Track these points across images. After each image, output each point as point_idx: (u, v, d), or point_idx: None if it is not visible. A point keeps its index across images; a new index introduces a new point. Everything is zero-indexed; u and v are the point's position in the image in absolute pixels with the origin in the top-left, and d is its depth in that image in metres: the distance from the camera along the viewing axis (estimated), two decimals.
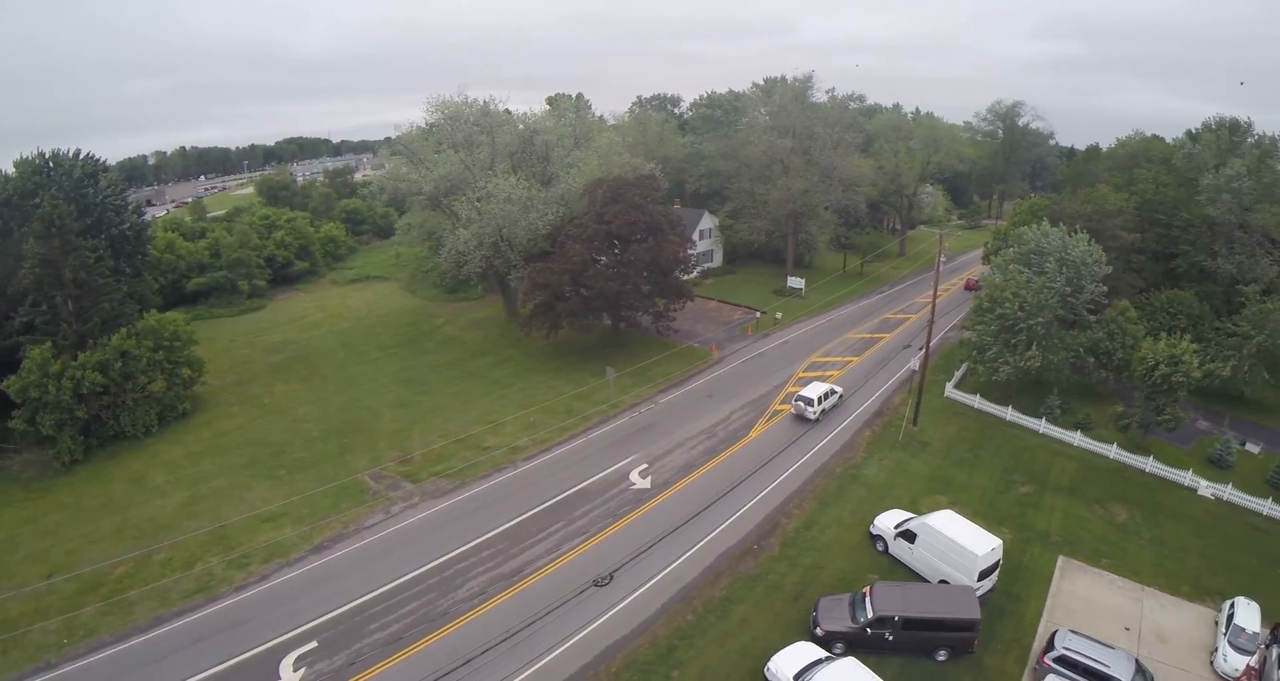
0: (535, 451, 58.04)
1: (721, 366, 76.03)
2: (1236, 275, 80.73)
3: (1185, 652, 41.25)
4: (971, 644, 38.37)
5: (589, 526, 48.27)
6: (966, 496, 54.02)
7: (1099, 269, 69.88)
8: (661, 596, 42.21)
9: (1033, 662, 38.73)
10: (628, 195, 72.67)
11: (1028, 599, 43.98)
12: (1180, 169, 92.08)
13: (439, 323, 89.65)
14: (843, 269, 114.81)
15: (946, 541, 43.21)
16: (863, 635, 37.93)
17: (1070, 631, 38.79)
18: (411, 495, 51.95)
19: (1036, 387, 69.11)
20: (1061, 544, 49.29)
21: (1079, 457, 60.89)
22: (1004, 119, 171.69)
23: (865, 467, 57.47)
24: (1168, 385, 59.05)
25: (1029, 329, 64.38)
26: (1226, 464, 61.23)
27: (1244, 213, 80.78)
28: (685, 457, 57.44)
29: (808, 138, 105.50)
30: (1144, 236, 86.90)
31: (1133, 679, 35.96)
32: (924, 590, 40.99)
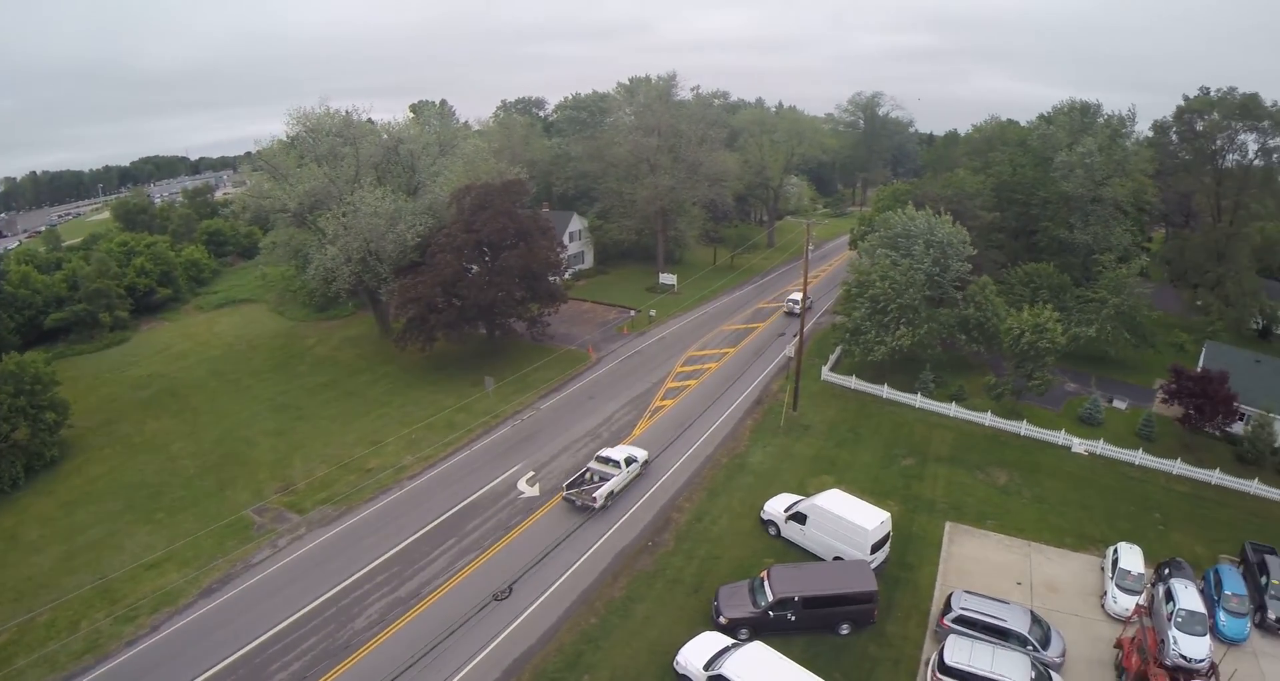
0: (420, 469, 57.17)
1: (600, 367, 76.73)
2: (1093, 245, 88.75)
3: (1077, 599, 44.76)
4: (872, 615, 40.31)
5: (482, 540, 47.97)
6: (852, 474, 56.73)
7: (964, 249, 74.96)
8: (562, 603, 42.44)
9: (933, 625, 41.09)
10: (496, 201, 72.86)
11: (921, 566, 46.62)
12: (1036, 150, 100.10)
13: (311, 343, 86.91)
14: (713, 263, 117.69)
15: (836, 519, 45.22)
16: (765, 618, 39.17)
17: (965, 592, 41.42)
18: (298, 526, 50.28)
19: (910, 364, 73.13)
20: (947, 510, 52.62)
21: (956, 427, 65.05)
22: (864, 110, 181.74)
23: (750, 455, 59.36)
24: (1035, 352, 64.41)
25: (899, 308, 68.51)
26: (1096, 421, 67.11)
27: (1097, 187, 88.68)
28: (572, 461, 57.73)
29: (673, 135, 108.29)
30: (1003, 215, 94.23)
31: (1030, 629, 38.76)
32: (820, 568, 42.69)
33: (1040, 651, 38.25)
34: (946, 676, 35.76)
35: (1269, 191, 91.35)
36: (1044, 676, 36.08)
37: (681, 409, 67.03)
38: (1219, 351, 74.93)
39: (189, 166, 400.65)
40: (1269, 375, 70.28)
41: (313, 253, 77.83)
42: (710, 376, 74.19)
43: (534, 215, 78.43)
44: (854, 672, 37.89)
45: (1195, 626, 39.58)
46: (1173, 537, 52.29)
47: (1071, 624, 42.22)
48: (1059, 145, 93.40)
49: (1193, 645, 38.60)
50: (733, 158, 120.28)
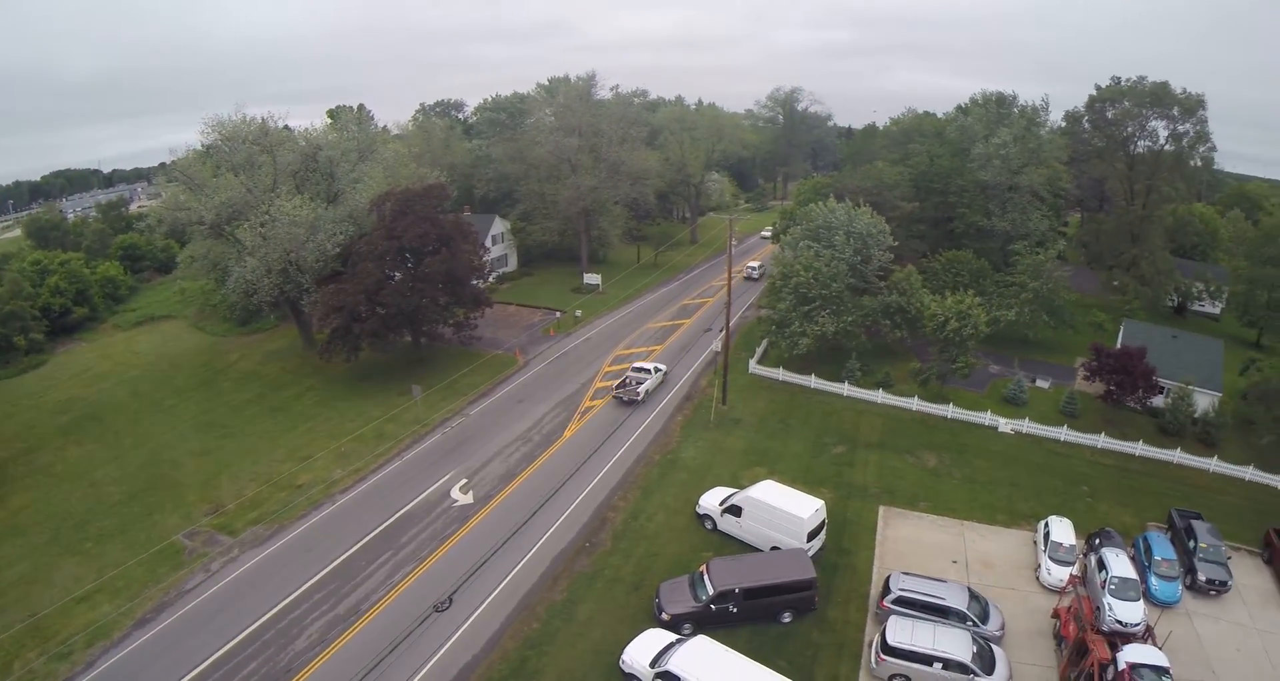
0: (352, 482, 55.80)
1: (528, 370, 76.18)
2: (1011, 231, 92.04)
3: (1012, 573, 46.38)
4: (812, 602, 40.89)
5: (419, 551, 47.01)
6: (784, 465, 57.54)
7: (884, 239, 77.13)
8: (504, 609, 41.90)
9: (873, 608, 41.84)
10: (416, 207, 72.09)
11: (858, 550, 47.46)
12: (953, 141, 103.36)
13: (234, 358, 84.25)
14: (637, 261, 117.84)
15: (771, 510, 45.81)
16: (707, 612, 39.35)
17: (903, 573, 42.38)
18: (230, 548, 48.44)
19: (836, 354, 74.62)
20: (880, 495, 53.88)
21: (884, 414, 66.69)
22: (783, 105, 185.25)
23: (683, 451, 59.64)
24: (958, 337, 66.54)
25: (823, 298, 70.02)
26: (1021, 401, 69.55)
27: (1013, 175, 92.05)
28: (504, 466, 57.20)
29: (594, 135, 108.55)
30: (923, 204, 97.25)
31: (968, 606, 39.91)
32: (758, 559, 42.92)
33: (980, 626, 39.39)
34: (890, 657, 36.54)
35: (1179, 175, 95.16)
36: (985, 650, 37.19)
37: (611, 408, 66.93)
38: (1137, 329, 77.92)
39: (102, 180, 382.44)
40: (1185, 349, 73.59)
41: (232, 265, 75.74)
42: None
43: (456, 219, 77.62)
44: (798, 659, 38.28)
45: (1128, 592, 41.20)
46: (1101, 509, 54.43)
47: (1009, 598, 43.55)
48: (976, 136, 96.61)
49: (1127, 610, 40.19)
50: (654, 156, 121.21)
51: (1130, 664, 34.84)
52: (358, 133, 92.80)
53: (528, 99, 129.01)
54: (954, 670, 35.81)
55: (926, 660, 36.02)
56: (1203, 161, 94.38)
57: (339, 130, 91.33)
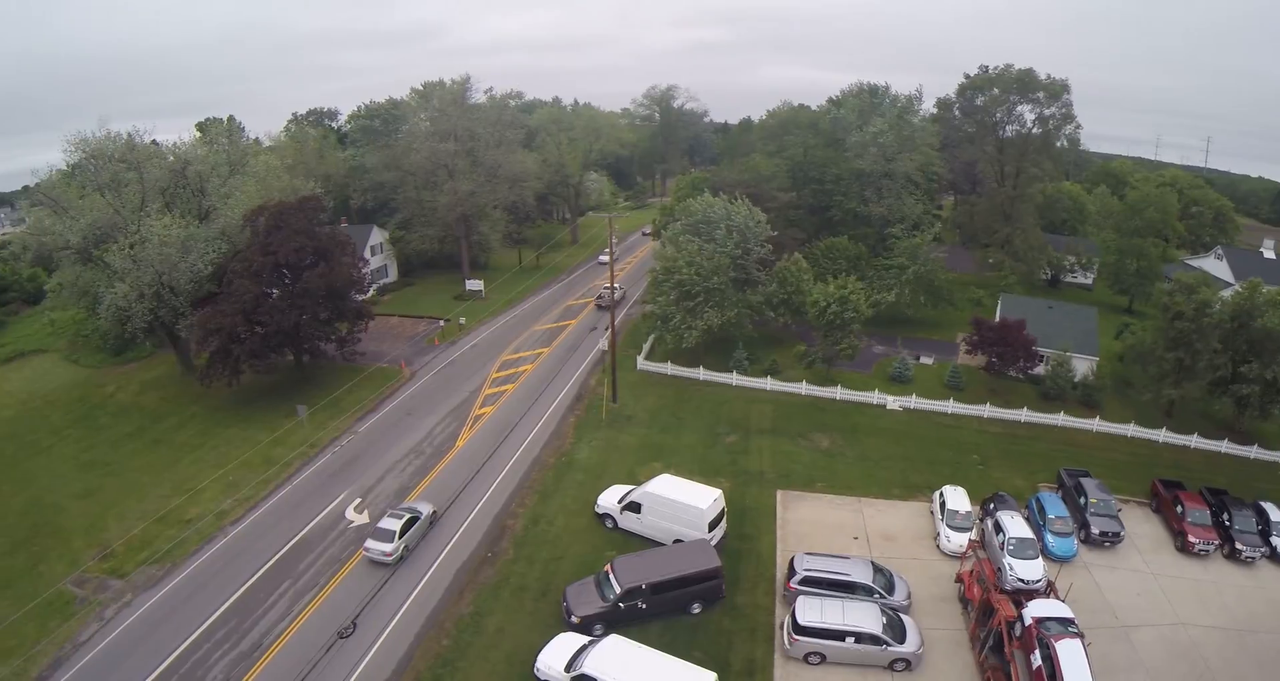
0: (242, 512, 52.99)
1: (415, 382, 74.33)
2: (888, 216, 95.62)
3: (913, 544, 48.08)
4: (720, 591, 41.15)
5: (317, 577, 45.04)
6: (679, 458, 57.84)
7: (762, 230, 78.65)
8: (411, 629, 40.65)
9: (781, 591, 42.41)
10: (291, 220, 69.53)
11: (759, 536, 48.12)
12: (827, 131, 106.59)
13: (111, 391, 78.94)
14: (519, 264, 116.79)
15: (671, 503, 45.91)
16: (616, 611, 39.11)
17: (806, 554, 43.28)
18: (123, 592, 45.18)
19: (723, 345, 75.61)
20: (777, 479, 54.88)
21: (774, 400, 68.01)
22: (660, 103, 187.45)
23: (577, 452, 59.30)
24: (841, 321, 68.34)
25: (706, 291, 70.83)
26: (906, 378, 72.08)
27: (888, 163, 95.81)
28: (398, 482, 55.57)
29: (470, 139, 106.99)
30: (800, 194, 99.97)
31: (873, 579, 41.13)
32: (662, 553, 42.83)
33: (887, 597, 40.53)
34: (803, 636, 37.15)
35: (1047, 155, 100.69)
36: (895, 620, 38.31)
37: (502, 414, 66.00)
38: (1014, 302, 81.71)
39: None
40: (1062, 319, 77.73)
41: (103, 291, 71.39)
42: (527, 378, 73.43)
43: (333, 232, 75.50)
44: (713, 648, 38.62)
45: (1027, 551, 43.32)
46: (993, 475, 56.96)
47: (912, 567, 44.97)
48: (850, 126, 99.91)
49: (1027, 568, 42.23)
50: (532, 157, 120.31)
51: (1036, 618, 36.27)
52: (228, 146, 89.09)
53: (402, 105, 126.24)
54: (867, 642, 36.80)
55: (839, 635, 36.84)
56: (1069, 142, 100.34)
57: (208, 144, 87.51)
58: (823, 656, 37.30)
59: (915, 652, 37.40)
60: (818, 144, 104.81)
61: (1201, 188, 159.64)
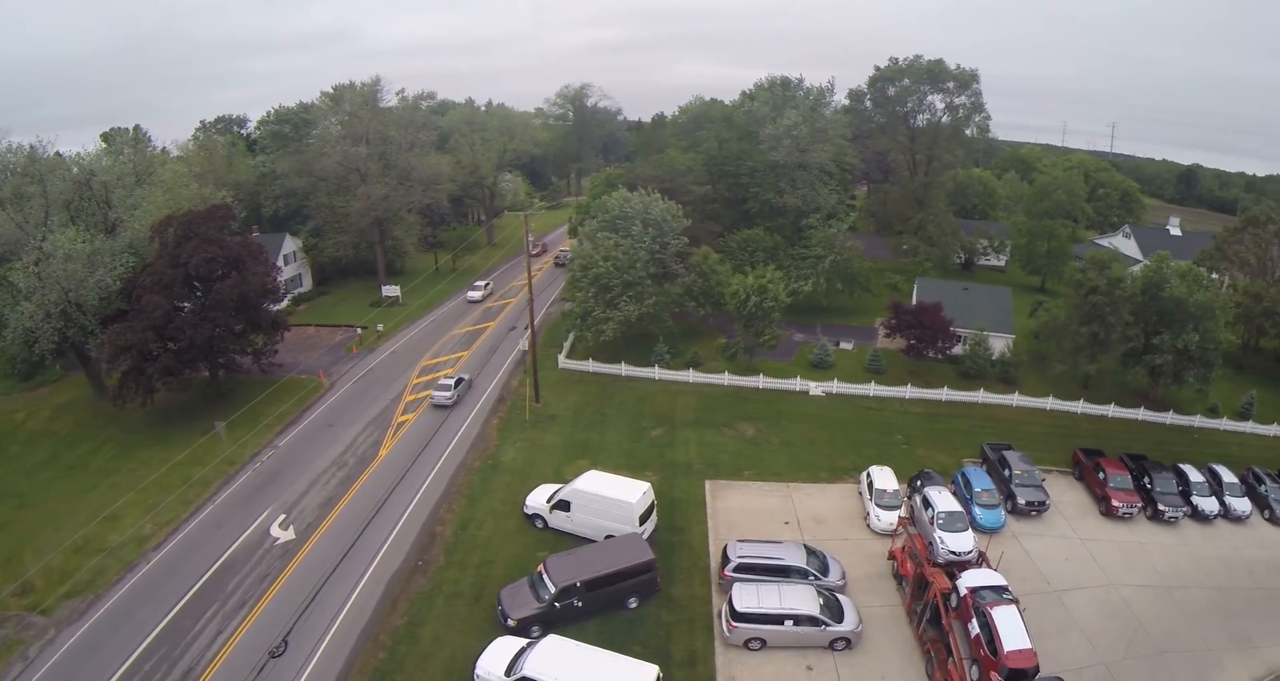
0: (165, 536, 50.66)
1: (334, 391, 72.41)
2: (802, 207, 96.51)
3: (843, 525, 48.86)
4: (655, 583, 40.96)
5: (246, 598, 43.32)
6: (605, 454, 57.72)
7: (678, 223, 79.01)
8: (345, 644, 39.37)
9: (716, 580, 42.43)
10: (201, 230, 67.18)
11: (691, 526, 48.21)
12: (741, 125, 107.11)
13: (21, 418, 74.87)
14: (435, 268, 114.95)
15: (600, 499, 45.69)
16: (553, 611, 38.60)
17: (739, 541, 43.49)
18: (45, 629, 42.59)
19: (644, 340, 75.75)
20: (704, 470, 55.19)
21: (698, 392, 68.52)
22: (573, 102, 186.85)
23: (502, 454, 58.52)
24: (761, 311, 69.09)
25: (623, 285, 71.03)
26: (827, 364, 73.33)
27: (802, 154, 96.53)
28: (322, 495, 53.90)
29: (382, 142, 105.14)
30: (716, 187, 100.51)
31: (807, 562, 41.54)
32: (594, 550, 42.36)
33: (822, 579, 40.97)
34: (741, 623, 37.28)
35: (958, 143, 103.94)
36: (831, 601, 38.82)
37: (425, 420, 64.88)
38: (930, 286, 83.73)
39: None
40: (977, 300, 79.83)
41: (7, 312, 67.83)
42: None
43: (244, 241, 73.29)
44: (652, 641, 38.54)
45: (956, 524, 44.20)
46: (918, 453, 58.35)
47: (845, 548, 45.62)
48: (764, 119, 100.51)
49: (958, 541, 43.06)
50: (445, 159, 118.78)
51: (970, 588, 37.09)
52: (134, 155, 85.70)
53: (312, 109, 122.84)
54: (805, 624, 37.15)
55: (777, 619, 37.11)
56: (979, 130, 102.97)
57: (113, 154, 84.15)
58: (763, 641, 37.49)
59: (854, 631, 37.92)
60: (732, 137, 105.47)
61: (1107, 170, 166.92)
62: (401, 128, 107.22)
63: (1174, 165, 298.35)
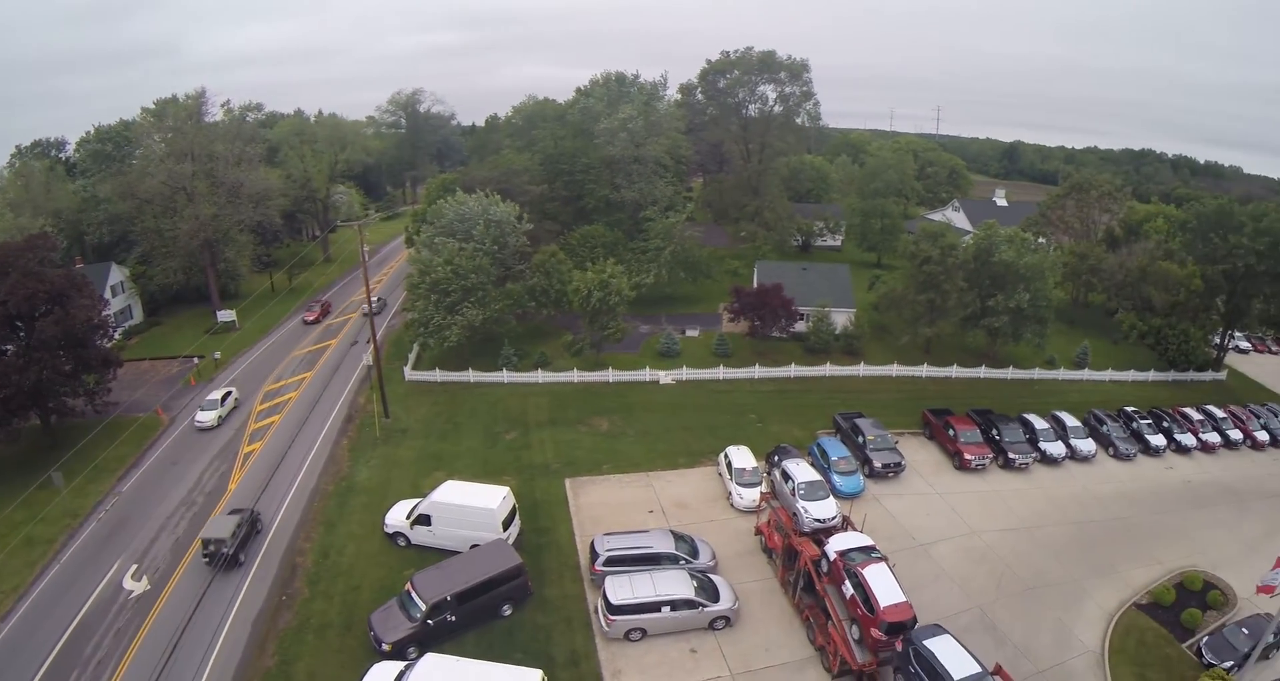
0: (12, 603, 45.45)
1: (176, 427, 67.50)
2: (640, 200, 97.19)
3: (707, 507, 49.54)
4: (527, 588, 40.20)
5: (106, 660, 39.64)
6: (462, 463, 56.39)
7: (518, 224, 78.48)
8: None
9: (588, 576, 42.07)
10: (19, 263, 61.32)
11: (555, 526, 47.74)
12: (576, 122, 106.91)
13: None
14: (272, 289, 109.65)
15: (461, 509, 44.52)
16: (427, 629, 37.28)
17: (605, 534, 43.30)
18: None
19: (491, 344, 74.51)
20: (563, 468, 54.89)
21: (548, 392, 68.18)
22: (405, 108, 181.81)
23: (356, 474, 56.18)
24: (605, 306, 69.34)
25: (464, 289, 69.73)
26: (674, 352, 74.38)
27: (637, 148, 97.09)
28: (173, 539, 49.95)
29: (209, 159, 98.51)
30: (553, 186, 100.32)
31: (676, 547, 41.70)
32: (461, 561, 41.05)
33: (693, 562, 41.17)
34: (619, 615, 37.09)
35: (789, 131, 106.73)
36: (705, 582, 39.19)
37: (273, 447, 61.58)
38: (770, 268, 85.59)
39: None
40: (816, 278, 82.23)
41: None
42: (293, 406, 69.02)
43: (68, 274, 66.95)
44: (533, 646, 38.10)
45: (817, 492, 45.69)
46: (772, 429, 59.67)
47: (711, 529, 46.22)
48: (599, 115, 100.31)
49: (821, 508, 44.56)
50: (275, 174, 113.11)
51: (839, 552, 38.18)
52: None
53: (134, 126, 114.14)
54: (682, 608, 37.32)
55: (654, 607, 37.09)
56: (810, 117, 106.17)
57: None
58: (643, 630, 37.41)
59: (732, 608, 38.42)
60: (567, 135, 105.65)
61: (935, 150, 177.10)
62: (229, 141, 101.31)
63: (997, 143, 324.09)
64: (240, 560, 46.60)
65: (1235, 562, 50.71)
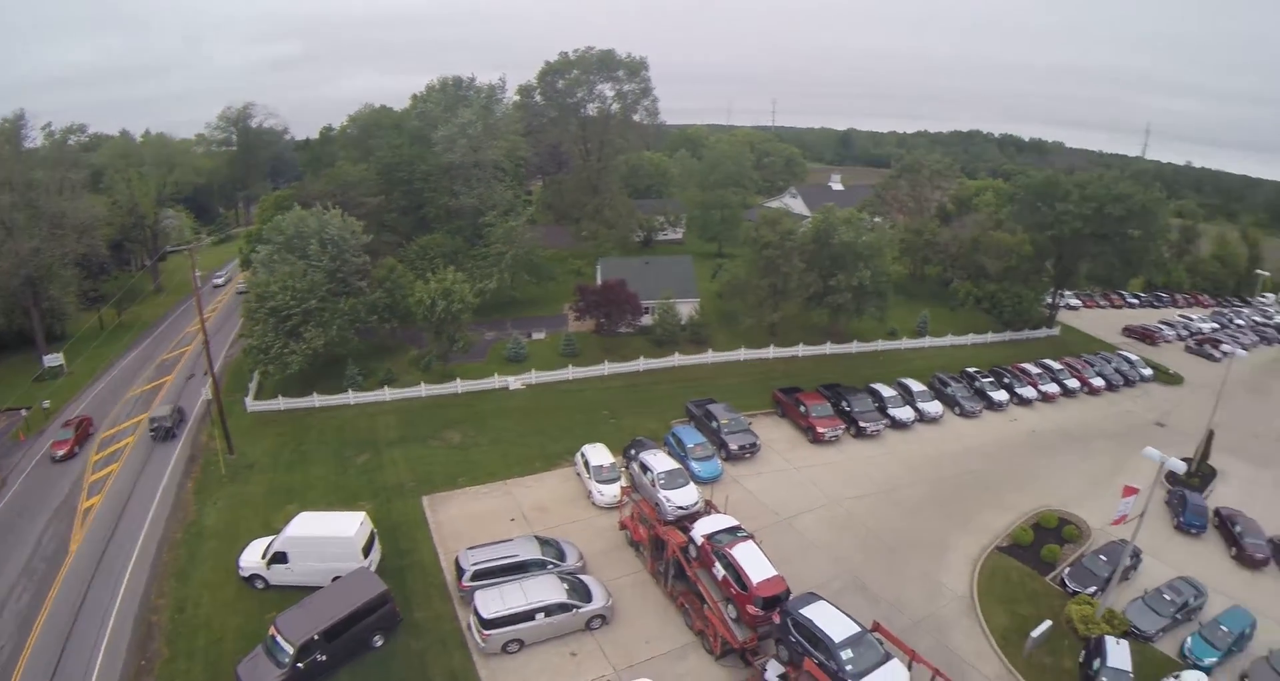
0: None
1: (7, 489, 61.18)
2: (480, 206, 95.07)
3: (569, 508, 49.44)
4: (396, 614, 38.66)
5: None
6: (314, 492, 53.67)
7: (357, 239, 75.60)
8: None
9: (456, 594, 40.81)
10: None
11: (417, 547, 46.06)
12: (414, 129, 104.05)
13: None
14: (100, 325, 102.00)
15: (316, 541, 42.36)
16: (297, 673, 35.23)
17: (468, 549, 42.15)
18: None
19: (335, 366, 71.50)
20: (419, 486, 53.19)
21: (397, 409, 65.97)
22: (236, 124, 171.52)
23: (204, 518, 52.21)
24: (450, 316, 68.03)
25: (304, 312, 66.51)
26: (522, 357, 73.57)
27: (475, 153, 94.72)
28: (15, 614, 44.42)
29: (28, 188, 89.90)
30: (390, 196, 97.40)
31: (541, 551, 41.26)
32: (324, 596, 38.92)
33: (560, 565, 40.75)
34: (493, 629, 36.18)
35: (628, 128, 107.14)
36: (576, 584, 38.94)
37: (113, 499, 56.45)
38: (613, 265, 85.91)
39: None
40: (659, 271, 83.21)
41: None
42: (132, 451, 63.97)
43: None
44: (411, 673, 36.99)
45: (677, 480, 46.22)
46: (626, 424, 60.05)
47: (575, 530, 46.11)
48: (436, 120, 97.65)
49: (682, 496, 45.13)
50: (100, 201, 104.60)
51: (705, 535, 38.82)
52: None
53: None
54: (556, 612, 36.93)
55: (527, 616, 36.46)
56: (648, 114, 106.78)
57: None
58: (520, 641, 36.71)
59: (606, 606, 38.26)
60: (404, 143, 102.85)
61: (772, 141, 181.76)
62: (50, 168, 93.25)
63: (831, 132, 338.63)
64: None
65: (1085, 498, 55.08)
